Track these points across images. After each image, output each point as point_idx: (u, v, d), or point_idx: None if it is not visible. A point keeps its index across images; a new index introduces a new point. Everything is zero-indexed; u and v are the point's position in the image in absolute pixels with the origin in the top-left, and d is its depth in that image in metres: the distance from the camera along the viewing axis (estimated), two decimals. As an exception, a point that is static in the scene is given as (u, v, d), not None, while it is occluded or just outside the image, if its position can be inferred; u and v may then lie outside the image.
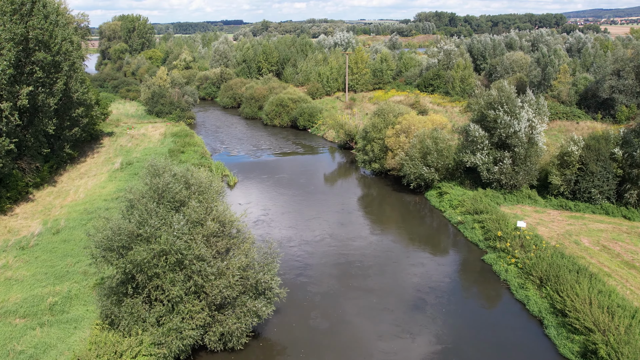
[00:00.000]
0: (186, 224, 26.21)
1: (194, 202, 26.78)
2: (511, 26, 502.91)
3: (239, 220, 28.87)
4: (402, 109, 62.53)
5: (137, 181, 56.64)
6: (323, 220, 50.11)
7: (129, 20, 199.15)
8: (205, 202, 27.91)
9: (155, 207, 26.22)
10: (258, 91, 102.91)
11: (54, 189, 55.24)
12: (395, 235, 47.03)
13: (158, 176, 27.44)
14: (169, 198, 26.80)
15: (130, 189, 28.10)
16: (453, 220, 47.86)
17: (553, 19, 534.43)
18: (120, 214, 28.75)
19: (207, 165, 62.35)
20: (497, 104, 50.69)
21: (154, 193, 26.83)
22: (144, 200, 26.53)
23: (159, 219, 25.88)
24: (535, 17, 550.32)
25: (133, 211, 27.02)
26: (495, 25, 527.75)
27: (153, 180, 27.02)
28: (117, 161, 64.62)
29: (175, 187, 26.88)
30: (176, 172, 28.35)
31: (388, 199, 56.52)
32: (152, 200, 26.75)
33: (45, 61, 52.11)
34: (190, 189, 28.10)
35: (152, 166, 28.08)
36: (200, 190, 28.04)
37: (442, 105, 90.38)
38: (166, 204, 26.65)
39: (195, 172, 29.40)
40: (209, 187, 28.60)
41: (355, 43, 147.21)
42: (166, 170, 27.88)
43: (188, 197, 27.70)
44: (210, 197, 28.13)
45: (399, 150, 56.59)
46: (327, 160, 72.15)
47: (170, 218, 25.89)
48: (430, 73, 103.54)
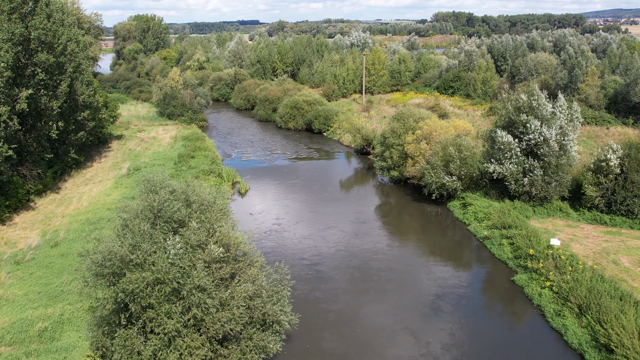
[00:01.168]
0: (185, 249, 23.24)
1: (194, 223, 23.79)
2: (530, 26, 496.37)
3: (245, 242, 25.78)
4: (423, 114, 59.20)
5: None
6: (338, 231, 47.09)
7: (144, 20, 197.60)
8: (208, 223, 24.91)
9: (150, 229, 23.26)
10: (272, 93, 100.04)
11: (57, 196, 52.73)
12: (414, 248, 43.87)
13: (155, 193, 24.49)
14: (166, 218, 23.85)
15: (125, 207, 25.17)
16: (479, 234, 44.45)
17: (572, 19, 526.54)
18: (115, 232, 25.88)
19: (218, 172, 59.55)
20: (526, 109, 47.25)
21: (149, 212, 23.89)
22: (137, 221, 23.59)
23: (153, 243, 22.94)
24: (555, 17, 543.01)
25: (126, 232, 24.13)
26: (513, 26, 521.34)
27: (148, 198, 24.06)
28: (124, 166, 62.05)
29: (173, 205, 23.91)
30: (175, 188, 25.35)
31: (407, 209, 53.29)
32: (147, 220, 23.81)
33: (47, 62, 49.60)
34: (190, 207, 25.11)
35: (147, 182, 25.13)
36: (201, 209, 25.04)
37: (463, 109, 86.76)
38: (162, 225, 23.69)
39: (197, 188, 26.38)
40: (212, 205, 25.58)
41: (372, 43, 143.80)
42: (163, 186, 24.89)
43: (188, 216, 24.73)
44: (213, 216, 25.12)
45: (420, 157, 53.29)
46: (343, 166, 69.02)
47: (166, 242, 22.93)
48: (451, 75, 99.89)
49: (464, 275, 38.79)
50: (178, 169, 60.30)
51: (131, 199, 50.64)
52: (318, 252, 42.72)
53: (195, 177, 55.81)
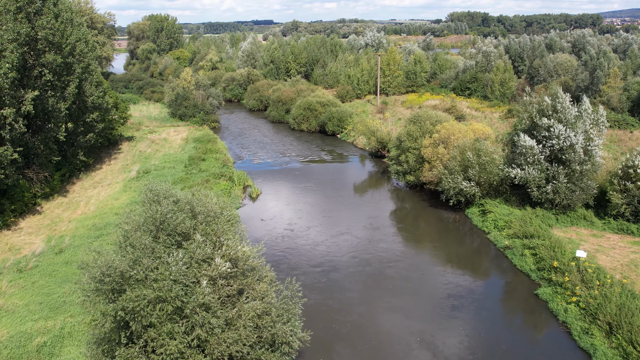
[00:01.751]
0: (189, 263, 21.71)
1: (199, 236, 22.24)
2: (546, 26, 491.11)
3: (254, 255, 24.16)
4: (441, 117, 57.33)
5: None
6: (352, 237, 45.52)
7: (157, 20, 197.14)
8: (214, 235, 23.35)
9: (151, 243, 21.75)
10: (285, 94, 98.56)
11: (64, 199, 51.58)
12: (431, 256, 42.19)
13: (157, 203, 22.98)
14: (169, 231, 22.32)
15: (127, 217, 23.69)
16: (499, 244, 42.53)
17: (589, 19, 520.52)
18: (116, 244, 24.41)
19: (229, 175, 58.09)
20: (550, 112, 45.27)
21: (150, 224, 22.38)
22: (138, 234, 22.10)
23: (154, 258, 21.43)
24: (571, 17, 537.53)
25: (127, 245, 22.64)
26: (529, 26, 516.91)
27: (150, 209, 22.56)
28: (134, 169, 60.84)
29: (177, 217, 22.38)
30: (179, 198, 23.82)
31: (423, 215, 51.50)
32: (149, 233, 22.31)
33: (55, 63, 48.42)
34: (196, 219, 23.56)
35: (150, 191, 23.62)
36: (207, 221, 23.48)
37: (480, 111, 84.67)
38: (165, 239, 22.16)
39: (203, 198, 24.81)
40: (218, 216, 24.00)
41: (386, 43, 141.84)
42: (167, 195, 23.36)
43: (193, 228, 23.19)
44: (220, 228, 23.54)
45: (437, 162, 51.45)
46: (357, 170, 67.31)
47: (168, 257, 21.41)
48: (467, 76, 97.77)
49: (483, 287, 36.97)
50: (188, 172, 58.96)
51: (140, 203, 49.30)
52: (331, 259, 41.22)
53: (206, 181, 54.47)
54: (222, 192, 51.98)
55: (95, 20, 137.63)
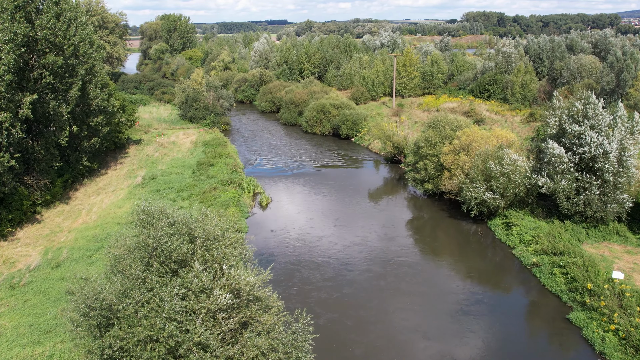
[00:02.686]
0: (185, 295, 19.12)
1: (197, 265, 19.62)
2: (562, 26, 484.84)
3: (260, 283, 21.49)
4: (461, 121, 54.38)
5: (157, 200, 50.28)
6: (366, 247, 43.03)
7: (170, 20, 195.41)
8: (215, 262, 20.74)
9: (143, 272, 19.19)
10: (298, 95, 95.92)
11: (65, 207, 49.32)
12: (450, 270, 39.51)
13: (151, 226, 20.41)
14: (163, 258, 19.74)
15: (117, 240, 21.17)
16: (525, 260, 39.52)
17: (607, 19, 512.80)
18: (106, 269, 21.91)
19: (238, 182, 55.56)
20: (581, 118, 42.20)
21: (143, 250, 19.81)
22: (128, 261, 19.55)
23: (146, 290, 18.87)
24: (588, 17, 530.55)
25: (116, 273, 20.13)
26: (545, 26, 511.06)
27: (142, 233, 20.00)
28: (140, 174, 58.52)
29: (172, 242, 19.79)
30: (176, 219, 21.21)
31: (442, 226, 48.62)
32: (140, 260, 19.74)
33: (56, 65, 46.16)
34: (194, 243, 20.96)
35: (142, 211, 21.06)
36: (207, 245, 20.87)
37: (500, 114, 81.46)
38: (158, 267, 19.59)
39: (203, 218, 22.21)
40: (219, 239, 21.39)
41: (402, 43, 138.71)
42: (162, 217, 20.78)
43: (191, 253, 20.60)
44: (220, 253, 20.93)
45: (458, 170, 48.53)
46: (372, 176, 64.47)
47: (162, 288, 18.83)
48: (486, 77, 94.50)
49: (509, 309, 34.06)
50: (196, 178, 56.51)
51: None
52: (344, 272, 38.76)
53: (214, 188, 51.99)
54: (231, 201, 49.45)
55: (107, 20, 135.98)
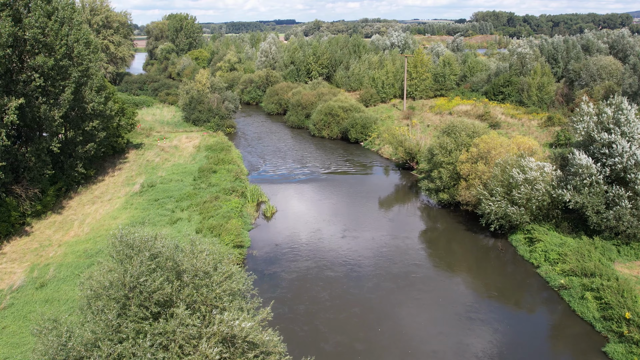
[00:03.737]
0: (166, 347, 16.02)
1: (181, 309, 16.49)
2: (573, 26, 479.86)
3: (257, 325, 18.32)
4: (478, 127, 51.04)
5: (154, 211, 47.33)
6: (377, 261, 40.51)
7: (177, 20, 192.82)
8: (206, 301, 17.63)
9: (117, 318, 16.09)
10: (305, 97, 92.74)
11: (57, 218, 46.40)
12: (468, 288, 36.73)
13: (129, 259, 17.33)
14: (142, 299, 16.64)
15: (90, 276, 18.11)
16: (552, 282, 36.12)
17: (618, 19, 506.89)
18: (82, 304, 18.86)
19: (241, 190, 52.48)
20: (612, 125, 38.83)
21: (118, 290, 16.72)
22: (101, 304, 16.46)
23: (119, 340, 15.77)
24: (599, 17, 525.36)
25: (87, 315, 17.07)
26: (556, 26, 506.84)
27: (118, 269, 16.92)
28: (138, 181, 55.56)
29: (153, 280, 16.69)
30: (160, 250, 18.09)
31: (458, 239, 45.34)
32: (116, 301, 16.65)
33: (46, 66, 43.25)
34: (180, 279, 17.86)
35: (120, 242, 17.98)
36: (195, 283, 17.75)
37: (516, 118, 77.95)
38: (136, 311, 16.49)
39: (191, 247, 19.10)
40: (211, 275, 18.27)
41: (412, 44, 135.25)
42: (142, 248, 17.67)
43: (177, 290, 17.49)
44: (212, 292, 17.80)
45: (476, 180, 45.24)
46: (383, 183, 61.16)
47: (137, 340, 15.72)
48: (501, 79, 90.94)
49: (536, 335, 30.82)
50: (197, 186, 53.47)
51: (140, 225, 43.92)
52: (353, 289, 36.38)
53: (215, 198, 48.92)
54: (233, 212, 46.37)
55: (111, 20, 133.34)
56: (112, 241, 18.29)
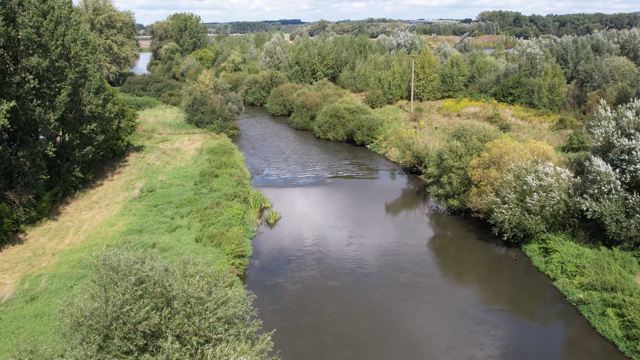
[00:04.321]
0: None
1: (169, 342, 14.72)
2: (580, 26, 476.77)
3: (256, 355, 16.52)
4: (489, 131, 49.14)
5: (153, 217, 45.60)
6: (384, 270, 38.93)
7: (181, 19, 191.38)
8: (199, 330, 15.85)
9: (97, 353, 14.33)
10: (310, 98, 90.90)
11: (53, 224, 44.74)
12: (480, 299, 35.14)
13: (113, 285, 15.56)
14: (126, 331, 14.88)
15: (71, 302, 16.34)
16: (570, 296, 34.19)
17: (626, 18, 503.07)
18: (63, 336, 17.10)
19: (243, 196, 50.74)
20: (633, 130, 36.88)
21: (100, 321, 14.96)
22: (80, 336, 14.70)
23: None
24: (606, 17, 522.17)
25: (66, 347, 15.30)
26: (562, 26, 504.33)
27: (100, 297, 15.15)
28: (138, 186, 53.88)
29: (139, 309, 14.93)
30: (148, 274, 16.33)
31: (469, 247, 43.49)
32: (97, 333, 14.88)
33: (40, 67, 41.60)
34: (170, 306, 16.09)
35: (104, 264, 16.20)
36: (187, 311, 15.97)
37: (527, 120, 75.89)
38: (120, 344, 14.72)
39: (184, 268, 17.33)
40: (205, 301, 16.49)
41: (419, 44, 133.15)
42: (127, 273, 15.89)
43: (167, 319, 15.72)
44: (205, 320, 16.03)
45: (488, 187, 43.35)
46: (390, 188, 59.25)
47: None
48: (510, 80, 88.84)
49: (552, 354, 28.96)
50: (197, 191, 51.73)
51: (138, 232, 42.27)
52: (361, 300, 34.94)
53: (216, 204, 47.19)
54: (234, 219, 44.61)
55: (114, 19, 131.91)
56: (94, 264, 16.49)
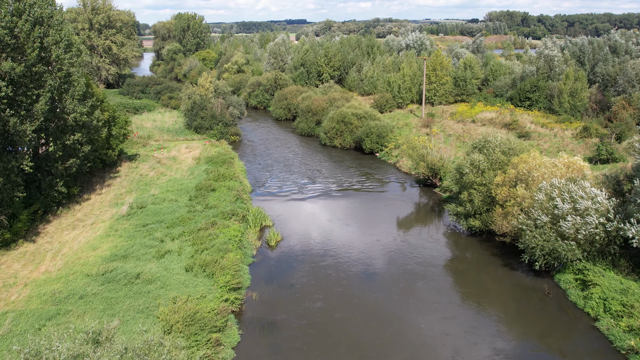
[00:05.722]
0: None
1: None
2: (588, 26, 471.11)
3: None
4: (514, 143, 44.35)
5: (140, 240, 40.97)
6: (397, 300, 33.58)
7: (184, 19, 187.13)
8: None
9: None
10: (316, 103, 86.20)
11: (30, 247, 40.25)
12: (508, 336, 30.76)
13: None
14: None
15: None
16: (618, 342, 29.34)
17: (635, 18, 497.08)
18: None
19: (242, 214, 46.13)
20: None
21: None
22: None
23: None
24: (615, 17, 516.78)
25: None
26: (571, 26, 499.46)
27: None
28: (127, 201, 49.37)
29: None
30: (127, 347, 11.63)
31: (491, 273, 38.84)
32: None
33: (14, 73, 37.10)
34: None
35: None
36: None
37: (547, 127, 70.94)
38: None
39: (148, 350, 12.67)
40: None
41: (429, 44, 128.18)
42: None
43: None
44: None
45: (515, 208, 38.59)
46: (402, 203, 54.50)
47: None
48: (527, 84, 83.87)
49: None
50: (192, 208, 47.11)
51: (122, 258, 37.68)
52: (372, 335, 30.30)
53: (212, 224, 42.57)
54: (231, 242, 39.98)
55: (113, 19, 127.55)
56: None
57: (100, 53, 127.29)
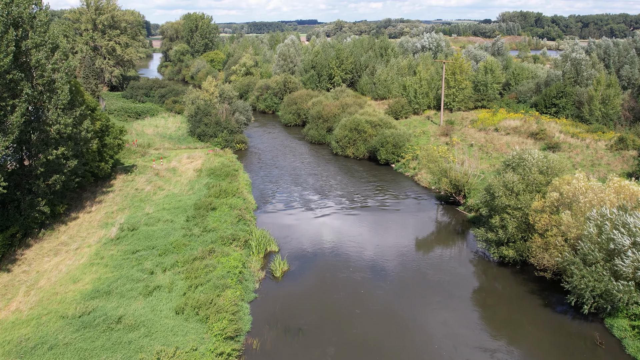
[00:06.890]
0: None
1: None
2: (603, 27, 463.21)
3: None
4: (554, 161, 39.00)
5: (127, 271, 36.03)
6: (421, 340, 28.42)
7: (192, 19, 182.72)
8: None
9: None
10: (327, 108, 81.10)
11: (4, 277, 35.48)
12: None
13: None
14: None
15: None
16: (697, 415, 24.18)
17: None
18: None
19: (244, 238, 41.12)
20: None
21: None
22: None
23: None
24: (631, 17, 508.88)
25: None
26: (585, 26, 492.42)
27: None
28: (117, 220, 44.56)
29: None
30: None
31: (527, 311, 33.71)
32: None
33: (-18, 82, 32.39)
34: None
35: None
36: None
37: (578, 137, 65.36)
38: None
39: None
40: None
41: (446, 46, 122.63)
42: None
43: None
44: None
45: (558, 238, 33.33)
46: (422, 222, 49.31)
47: None
48: (553, 89, 78.30)
49: None
50: (188, 230, 42.15)
51: (105, 295, 32.79)
52: None
53: (209, 252, 37.62)
54: (230, 275, 35.00)
55: (118, 19, 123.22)
56: None
57: (103, 54, 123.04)
